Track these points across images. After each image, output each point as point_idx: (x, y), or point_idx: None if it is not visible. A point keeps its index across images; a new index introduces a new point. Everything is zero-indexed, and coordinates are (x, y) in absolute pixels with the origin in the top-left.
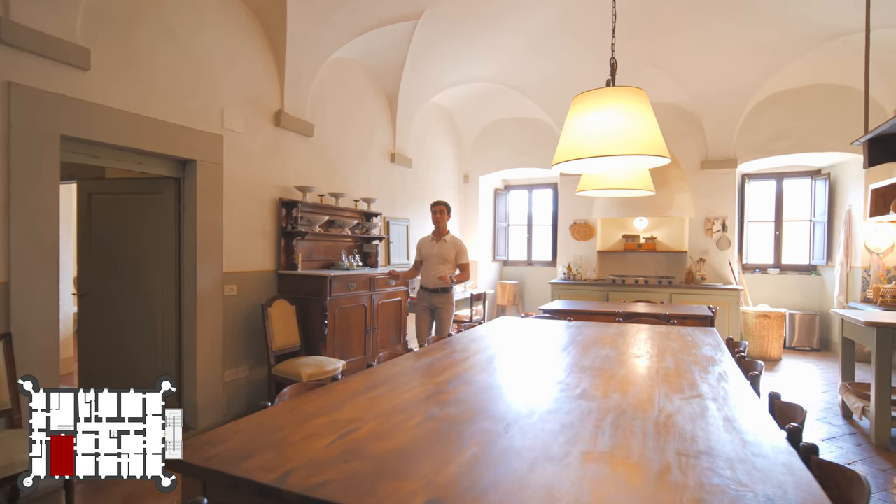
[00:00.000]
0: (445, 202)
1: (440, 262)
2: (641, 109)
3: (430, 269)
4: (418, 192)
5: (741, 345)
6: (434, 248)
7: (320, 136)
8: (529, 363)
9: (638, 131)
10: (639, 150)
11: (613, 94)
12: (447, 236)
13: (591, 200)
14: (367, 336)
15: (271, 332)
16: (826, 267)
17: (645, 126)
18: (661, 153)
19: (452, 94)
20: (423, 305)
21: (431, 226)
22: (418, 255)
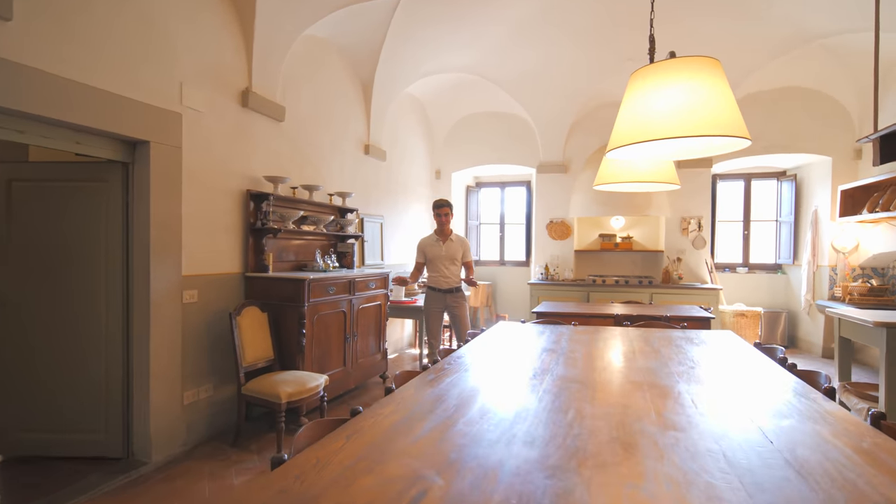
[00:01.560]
0: (450, 202)
1: (450, 262)
2: (715, 83)
3: (441, 270)
4: (392, 187)
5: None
6: (441, 248)
7: (292, 122)
8: (604, 389)
9: (712, 108)
10: (713, 129)
11: (680, 66)
12: (452, 235)
13: (568, 198)
14: (346, 345)
15: (241, 344)
16: (792, 266)
17: (720, 102)
18: (740, 133)
19: (426, 84)
20: (437, 308)
21: (406, 224)
22: (421, 257)
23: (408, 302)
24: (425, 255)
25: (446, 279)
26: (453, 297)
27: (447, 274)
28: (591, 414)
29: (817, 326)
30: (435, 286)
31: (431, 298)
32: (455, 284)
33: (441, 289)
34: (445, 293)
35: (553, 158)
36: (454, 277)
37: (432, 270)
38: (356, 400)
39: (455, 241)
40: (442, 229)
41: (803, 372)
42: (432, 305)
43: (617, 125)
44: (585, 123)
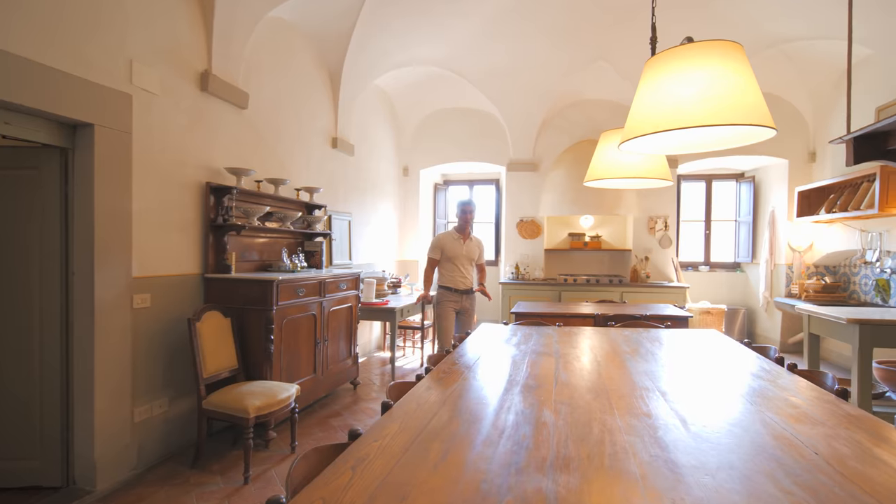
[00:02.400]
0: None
1: (468, 262)
2: (738, 70)
3: (459, 270)
4: (360, 183)
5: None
6: (462, 247)
7: (256, 110)
8: (617, 393)
9: (733, 96)
10: (736, 118)
11: (700, 51)
12: (472, 236)
13: (538, 197)
14: (317, 350)
15: (201, 353)
16: (750, 264)
17: (743, 89)
18: (765, 122)
19: (395, 77)
20: (452, 307)
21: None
22: (437, 254)
23: (379, 303)
24: (443, 251)
25: (464, 279)
26: (469, 298)
27: (465, 274)
28: (614, 427)
29: (775, 323)
30: (451, 286)
31: (447, 298)
32: (471, 286)
33: (458, 289)
34: (462, 294)
35: (523, 157)
36: (470, 278)
37: (449, 269)
38: (327, 409)
39: (474, 241)
40: (464, 228)
41: (806, 372)
42: (448, 306)
43: (633, 114)
44: (556, 122)
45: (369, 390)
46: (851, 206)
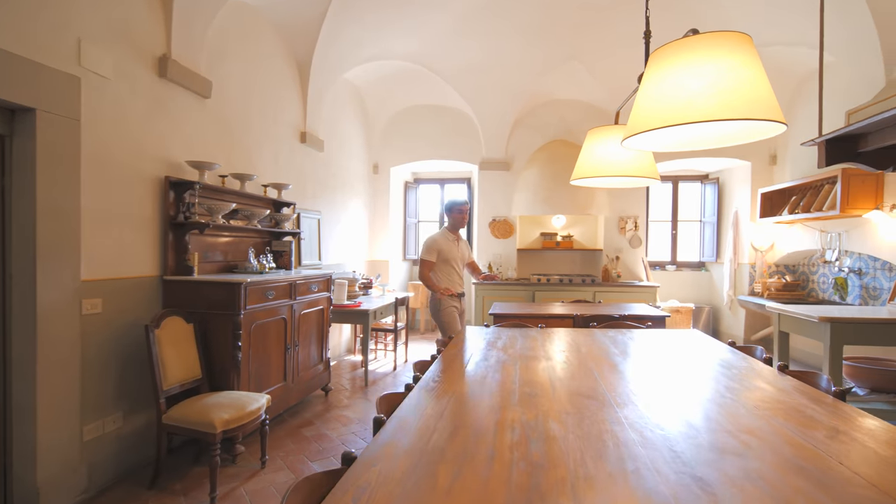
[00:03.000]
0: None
1: (462, 263)
2: (746, 62)
3: (456, 272)
4: (330, 180)
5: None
6: (457, 249)
7: (220, 101)
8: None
9: (745, 89)
10: (744, 113)
11: (707, 42)
12: (461, 235)
13: (511, 196)
14: (287, 356)
15: (161, 362)
16: (715, 263)
17: (753, 82)
18: (775, 116)
19: (366, 71)
20: (455, 310)
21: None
22: (433, 256)
23: (351, 305)
24: (440, 254)
25: (461, 280)
26: (463, 300)
27: (461, 275)
28: (628, 440)
29: (738, 320)
30: (454, 289)
31: (449, 303)
32: (463, 288)
33: (457, 292)
34: (460, 297)
35: (496, 155)
36: (462, 280)
37: (447, 272)
38: (298, 417)
39: (463, 241)
40: (457, 228)
41: (800, 373)
42: (452, 310)
43: (638, 108)
44: (528, 121)
45: (342, 396)
46: (814, 208)
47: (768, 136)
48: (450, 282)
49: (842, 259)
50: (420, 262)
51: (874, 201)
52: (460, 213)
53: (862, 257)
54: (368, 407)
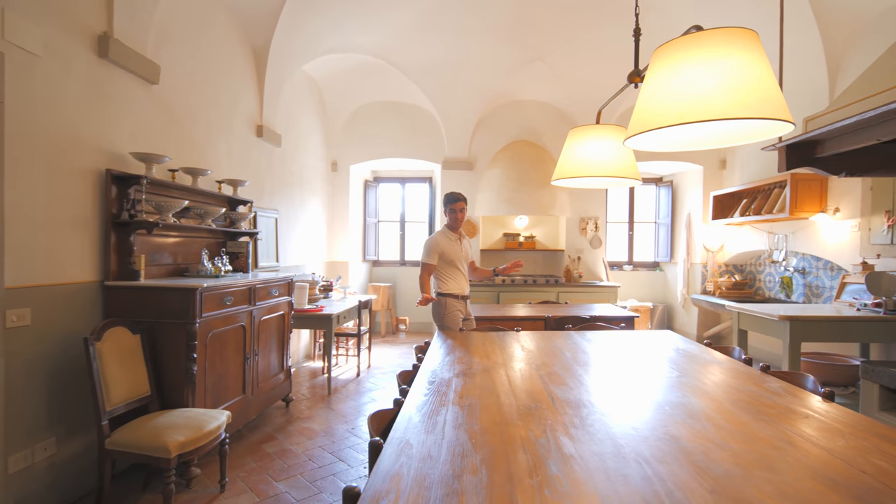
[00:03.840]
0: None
1: (466, 263)
2: (757, 59)
3: (462, 273)
4: (287, 177)
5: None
6: (459, 249)
7: (169, 87)
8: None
9: (755, 87)
10: (759, 111)
11: (714, 39)
12: (462, 233)
13: (474, 196)
14: (246, 366)
15: (104, 379)
16: (669, 263)
17: (764, 80)
18: (782, 116)
19: (325, 64)
20: (460, 316)
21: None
22: (434, 259)
23: (313, 310)
24: (442, 255)
25: (466, 282)
26: (468, 304)
27: (466, 276)
28: (651, 457)
29: (691, 318)
30: (457, 293)
31: (455, 308)
32: (468, 290)
33: (463, 295)
34: (464, 300)
35: (458, 155)
36: (467, 282)
37: (450, 274)
38: (258, 432)
39: (465, 239)
40: (456, 226)
41: (785, 374)
42: (457, 316)
43: (642, 106)
44: (491, 121)
45: (304, 407)
46: (765, 210)
47: (775, 135)
48: (457, 285)
49: (788, 259)
50: (421, 265)
51: (819, 205)
52: (453, 212)
53: (806, 257)
54: (333, 417)
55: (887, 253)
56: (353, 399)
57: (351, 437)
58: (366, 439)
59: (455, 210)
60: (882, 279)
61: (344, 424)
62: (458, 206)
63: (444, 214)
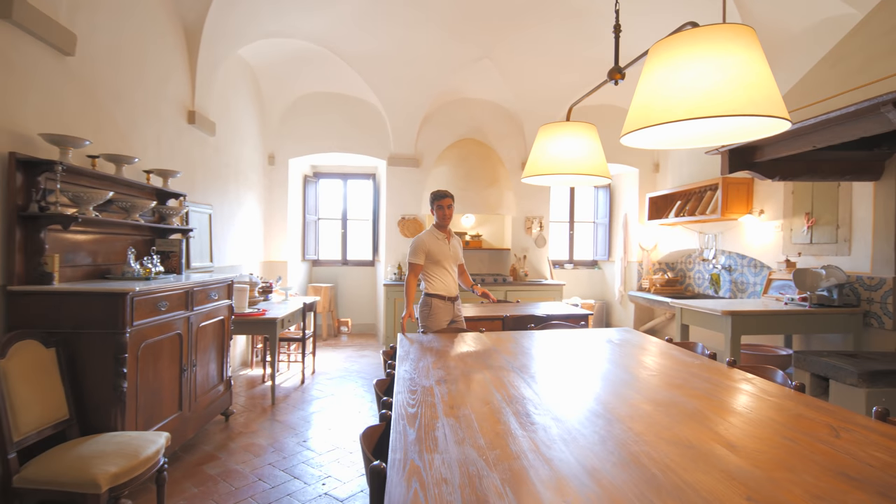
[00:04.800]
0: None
1: (454, 263)
2: (755, 56)
3: (449, 273)
4: (222, 170)
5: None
6: (448, 248)
7: (87, 60)
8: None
9: (754, 83)
10: (759, 108)
11: (716, 35)
12: (452, 232)
13: (421, 194)
14: (183, 379)
15: (10, 404)
16: (607, 262)
17: (761, 76)
18: (778, 113)
19: (263, 49)
20: (446, 318)
21: (241, 217)
22: (420, 258)
23: (255, 314)
24: (428, 255)
25: (454, 283)
26: (458, 305)
27: (454, 277)
28: (682, 470)
29: (628, 314)
30: (443, 293)
31: (441, 309)
32: (457, 291)
33: (450, 296)
34: (453, 301)
35: (405, 151)
36: (457, 282)
37: (437, 274)
38: (197, 451)
39: (455, 238)
40: (444, 224)
41: (756, 368)
42: (443, 318)
43: (642, 102)
44: (438, 117)
45: (247, 420)
46: (699, 212)
47: (771, 132)
48: (443, 286)
49: (718, 257)
50: (408, 265)
51: (746, 207)
52: (440, 209)
53: (732, 256)
54: (280, 430)
55: (807, 251)
56: (300, 408)
57: (303, 451)
58: (320, 452)
59: (442, 206)
60: (807, 276)
61: (293, 437)
62: (446, 203)
63: (431, 212)
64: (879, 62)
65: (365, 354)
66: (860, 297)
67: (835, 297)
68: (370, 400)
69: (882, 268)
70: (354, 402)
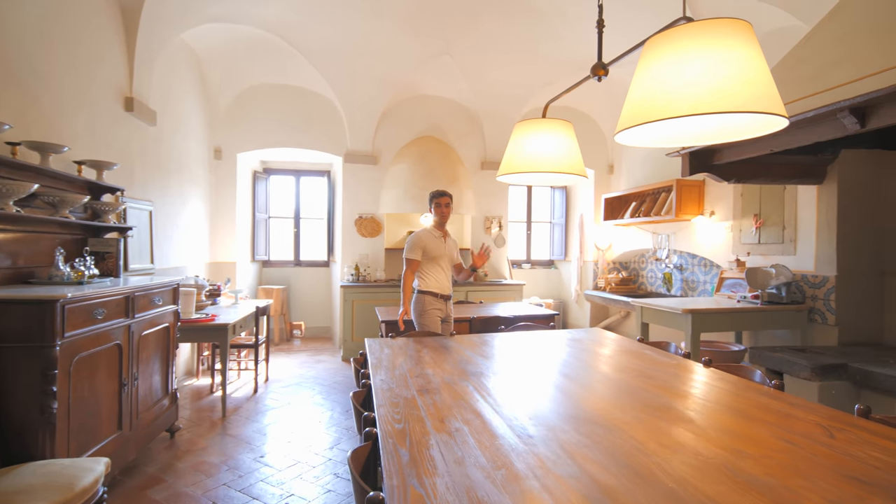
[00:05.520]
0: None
1: (449, 262)
2: (755, 53)
3: (444, 271)
4: (163, 163)
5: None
6: (444, 246)
7: (4, 32)
8: None
9: (758, 80)
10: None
11: (715, 29)
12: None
13: (379, 192)
14: (123, 394)
15: None
16: (563, 261)
17: (756, 73)
18: (776, 110)
19: (209, 34)
20: (438, 315)
21: (186, 215)
22: (418, 255)
23: (204, 319)
24: (425, 252)
25: (448, 282)
26: (449, 304)
27: (448, 276)
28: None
29: (584, 312)
30: (436, 291)
31: (433, 306)
32: (451, 290)
33: (444, 294)
34: (446, 300)
35: (362, 148)
36: (450, 281)
37: (432, 272)
38: (140, 474)
39: (451, 237)
40: (442, 222)
41: (731, 367)
42: (435, 315)
43: (635, 99)
44: (396, 114)
45: (194, 436)
46: (654, 212)
47: (769, 130)
48: (437, 283)
49: (670, 257)
50: (404, 261)
51: (698, 208)
52: (438, 206)
53: (684, 255)
54: (234, 445)
55: (755, 251)
56: (254, 420)
57: (260, 468)
58: (279, 468)
59: (441, 205)
60: (758, 274)
61: (248, 453)
62: (444, 202)
63: (430, 211)
64: (834, 69)
65: (321, 360)
66: (805, 294)
67: (783, 294)
68: (330, 408)
69: (825, 267)
70: (313, 412)
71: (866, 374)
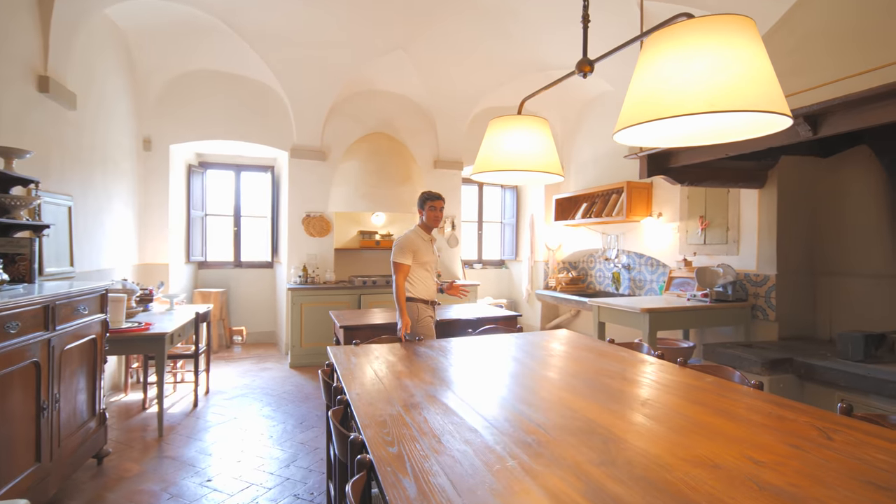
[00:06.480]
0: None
1: (434, 267)
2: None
3: (430, 277)
4: (84, 153)
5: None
6: (432, 251)
7: None
8: None
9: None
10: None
11: (706, 26)
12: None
13: (328, 190)
14: (42, 420)
15: None
16: (514, 261)
17: (760, 71)
18: (779, 109)
19: (137, 11)
20: (431, 322)
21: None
22: (409, 259)
23: (137, 329)
24: (416, 257)
25: (434, 288)
26: (435, 309)
27: (434, 281)
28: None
29: (535, 312)
30: (426, 298)
31: (426, 313)
32: (436, 295)
33: (433, 301)
34: (433, 305)
35: (310, 143)
36: (435, 286)
37: (422, 277)
38: None
39: (436, 243)
40: (434, 225)
41: (705, 366)
42: (429, 322)
43: (637, 97)
44: (346, 108)
45: (126, 461)
46: (605, 213)
47: (773, 130)
48: (426, 290)
49: (619, 257)
50: (393, 266)
51: (647, 210)
52: (433, 209)
53: (632, 255)
54: (175, 468)
55: (701, 251)
56: (197, 438)
57: (208, 494)
58: (230, 493)
59: (435, 207)
60: (706, 273)
61: (193, 477)
62: (439, 205)
63: (421, 213)
64: (789, 78)
65: (266, 367)
66: (748, 292)
67: (729, 292)
68: (281, 420)
69: (766, 266)
70: (263, 425)
71: (809, 368)
